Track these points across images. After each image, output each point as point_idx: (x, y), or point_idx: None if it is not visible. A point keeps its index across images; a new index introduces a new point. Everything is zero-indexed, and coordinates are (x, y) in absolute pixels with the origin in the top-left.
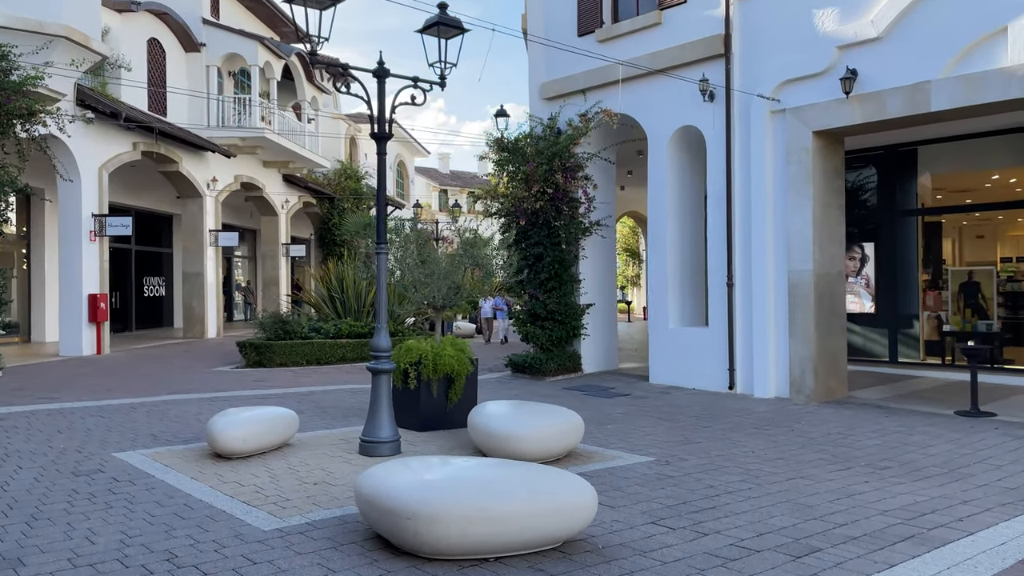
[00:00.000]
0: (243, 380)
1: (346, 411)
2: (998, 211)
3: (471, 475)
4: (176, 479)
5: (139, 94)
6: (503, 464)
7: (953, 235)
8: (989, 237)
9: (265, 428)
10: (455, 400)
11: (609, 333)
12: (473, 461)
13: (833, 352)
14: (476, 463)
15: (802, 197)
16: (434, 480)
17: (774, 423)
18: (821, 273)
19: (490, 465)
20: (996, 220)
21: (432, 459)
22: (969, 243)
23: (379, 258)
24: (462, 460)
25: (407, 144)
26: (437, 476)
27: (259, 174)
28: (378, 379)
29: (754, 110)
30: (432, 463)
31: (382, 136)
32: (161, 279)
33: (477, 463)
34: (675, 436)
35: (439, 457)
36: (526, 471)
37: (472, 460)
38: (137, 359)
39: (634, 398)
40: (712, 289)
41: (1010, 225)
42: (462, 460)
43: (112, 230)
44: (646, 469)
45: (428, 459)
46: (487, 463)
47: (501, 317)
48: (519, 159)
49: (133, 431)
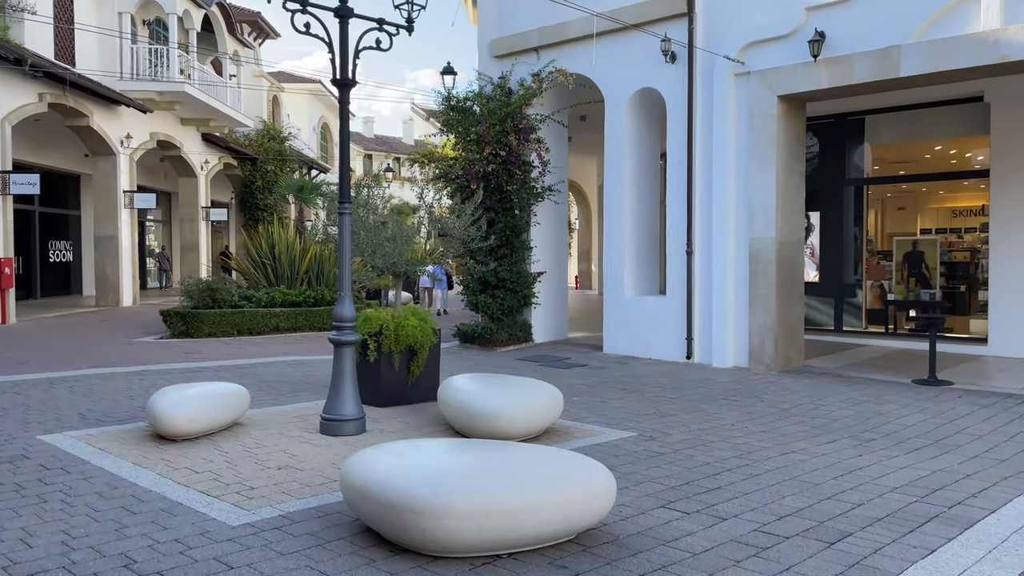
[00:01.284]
0: (171, 352)
1: (293, 385)
2: (946, 180)
3: (481, 462)
4: (117, 465)
5: (44, 41)
6: (510, 448)
7: (880, 206)
8: (911, 209)
9: (215, 406)
10: (417, 373)
11: (560, 302)
12: (477, 445)
13: (792, 321)
14: (480, 447)
15: (766, 163)
16: (441, 469)
17: (741, 393)
18: (783, 241)
19: (496, 450)
20: (919, 192)
21: (428, 443)
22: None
23: (342, 219)
24: (464, 444)
25: (333, 107)
26: (443, 464)
27: (177, 132)
28: (341, 351)
29: (717, 72)
30: (430, 448)
31: (345, 83)
32: (68, 243)
33: (482, 448)
34: (647, 409)
35: (436, 441)
36: (539, 456)
37: (474, 444)
38: (48, 329)
39: (592, 369)
40: (670, 257)
41: (932, 197)
42: (464, 444)
43: (17, 188)
44: (632, 445)
45: (423, 443)
46: (492, 447)
47: (439, 287)
48: (470, 119)
49: (56, 410)
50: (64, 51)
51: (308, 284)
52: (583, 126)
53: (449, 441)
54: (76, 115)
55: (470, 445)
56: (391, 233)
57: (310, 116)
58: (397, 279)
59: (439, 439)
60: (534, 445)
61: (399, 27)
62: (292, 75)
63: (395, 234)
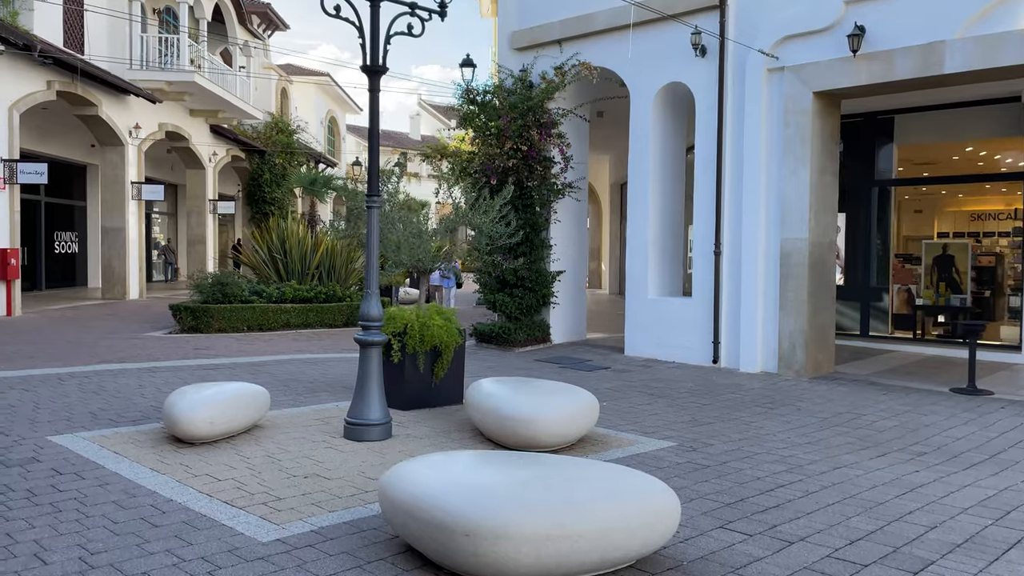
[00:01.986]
0: (181, 347)
1: (309, 385)
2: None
3: (536, 478)
4: (133, 471)
5: (54, 28)
6: (563, 463)
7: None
8: (928, 212)
9: (234, 408)
10: (441, 376)
11: (579, 302)
12: (527, 459)
13: (823, 325)
14: (531, 461)
15: (799, 162)
16: (494, 485)
17: (775, 401)
18: (816, 242)
19: (550, 464)
20: (938, 195)
21: (473, 455)
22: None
23: (370, 212)
24: (512, 457)
25: (340, 100)
26: (495, 480)
27: (185, 123)
28: (367, 352)
29: (750, 67)
30: (476, 461)
31: (375, 70)
32: (74, 235)
33: (533, 461)
34: (681, 416)
35: (480, 453)
36: (597, 471)
37: (524, 457)
38: (54, 322)
39: (615, 372)
40: (696, 257)
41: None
42: (512, 457)
43: (24, 178)
44: (674, 456)
45: (467, 455)
46: (544, 461)
47: (448, 285)
48: (490, 113)
49: (67, 408)
50: (73, 39)
51: (319, 280)
52: (598, 122)
53: (495, 454)
54: (85, 104)
55: (520, 459)
56: (416, 228)
57: (317, 109)
58: (423, 276)
59: (483, 451)
60: (589, 460)
61: (431, 12)
62: (300, 68)
63: (420, 229)
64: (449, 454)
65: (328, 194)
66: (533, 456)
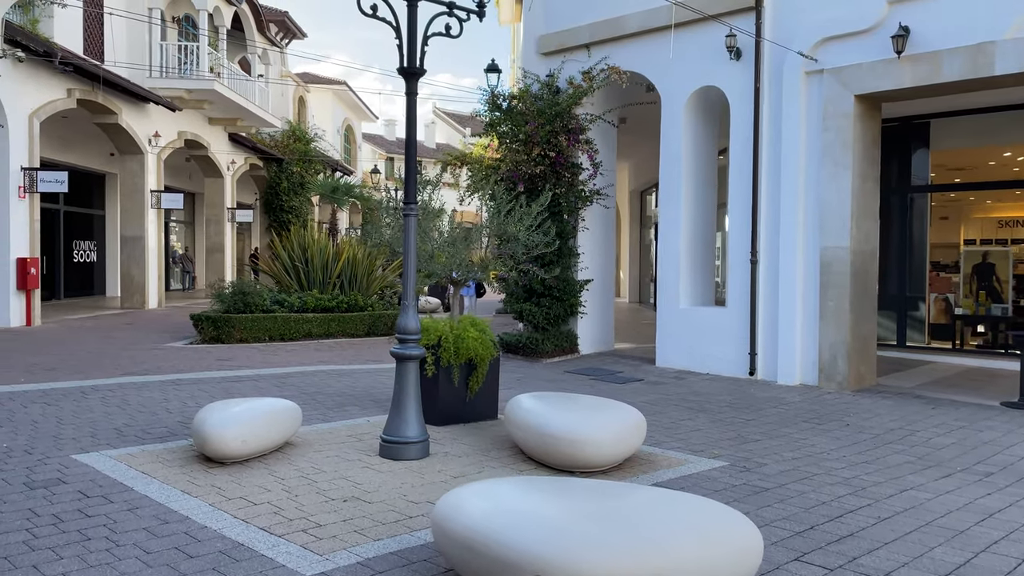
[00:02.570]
0: (204, 359)
1: (338, 398)
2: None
3: (609, 510)
4: (164, 494)
5: (74, 36)
6: (633, 492)
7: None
8: (954, 218)
9: (266, 425)
10: (476, 390)
11: (606, 311)
12: (591, 487)
13: (865, 336)
14: (596, 490)
15: (839, 167)
16: (563, 519)
17: (820, 415)
18: (857, 250)
19: (618, 493)
20: (966, 201)
21: (532, 482)
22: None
23: (408, 221)
24: (575, 485)
25: (356, 108)
26: (563, 512)
27: (204, 131)
28: (404, 367)
29: (787, 70)
30: (536, 488)
31: (412, 72)
32: (92, 243)
33: (598, 490)
34: (725, 432)
35: (540, 480)
36: (674, 502)
37: (588, 485)
38: (74, 332)
39: (649, 384)
40: (731, 266)
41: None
42: (575, 485)
43: (45, 186)
44: (728, 478)
45: (526, 481)
46: (611, 490)
47: (467, 294)
48: (517, 119)
49: (91, 424)
50: (93, 47)
51: (340, 288)
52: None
53: (554, 481)
54: (105, 112)
55: (584, 487)
56: (451, 237)
57: (334, 117)
58: (456, 287)
59: (540, 476)
60: (660, 489)
61: (469, 12)
62: (316, 76)
63: (454, 238)
64: (504, 481)
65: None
66: (596, 484)
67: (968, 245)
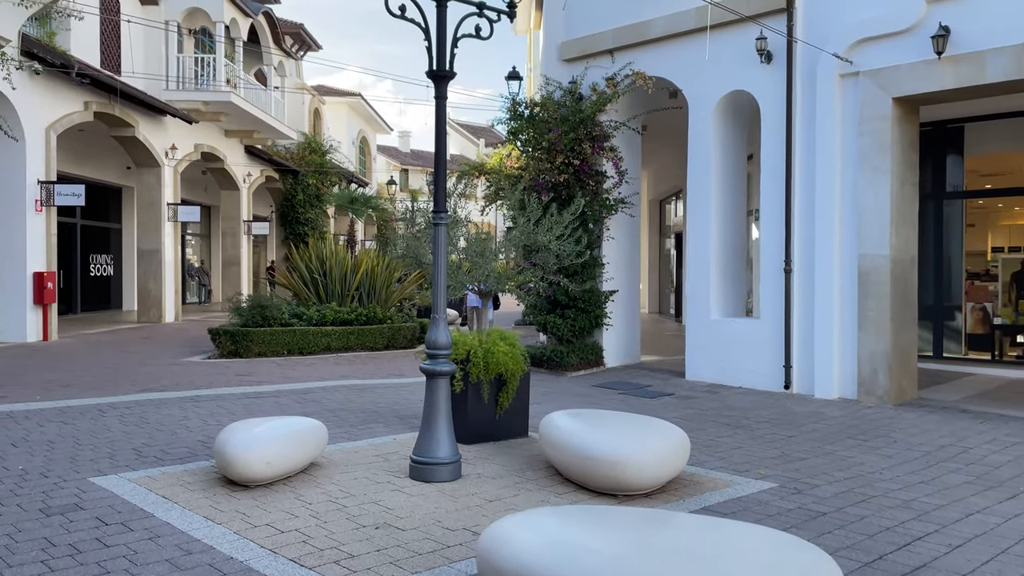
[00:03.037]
0: (222, 374)
1: (361, 415)
2: None
3: (676, 547)
4: (186, 521)
5: (90, 49)
6: (699, 526)
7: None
8: (981, 225)
9: (292, 446)
10: (506, 406)
11: (632, 323)
12: (650, 518)
13: (905, 348)
14: (658, 522)
15: (877, 172)
16: (630, 558)
17: (864, 431)
18: (897, 258)
19: (683, 527)
20: (994, 207)
21: (584, 511)
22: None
23: (437, 230)
24: (632, 516)
25: (371, 120)
26: (627, 548)
27: (220, 143)
28: (435, 383)
29: (821, 73)
30: (592, 519)
31: (442, 75)
32: (109, 257)
33: (660, 522)
34: (767, 450)
35: (593, 508)
36: (745, 536)
37: (647, 516)
38: (91, 347)
39: (680, 399)
40: (764, 275)
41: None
42: (632, 516)
43: (62, 199)
44: (780, 501)
45: (578, 511)
46: (674, 522)
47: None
48: (540, 126)
49: (109, 444)
50: (110, 59)
51: (359, 301)
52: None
53: (608, 510)
54: (122, 125)
55: (643, 519)
56: (480, 247)
57: (348, 129)
58: (484, 298)
59: (591, 505)
60: (727, 520)
61: (499, 12)
62: (331, 88)
63: (484, 248)
64: (553, 510)
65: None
66: (653, 513)
67: (997, 252)
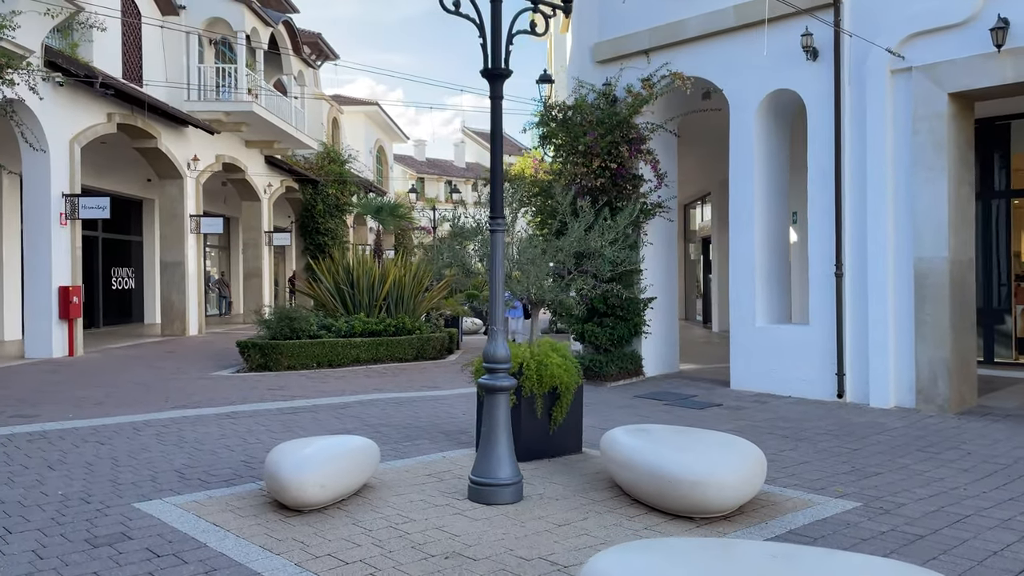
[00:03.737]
0: (255, 388)
1: (404, 431)
2: None
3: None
4: (243, 551)
5: (113, 60)
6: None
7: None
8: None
9: (347, 467)
10: (560, 420)
11: (671, 331)
12: (767, 554)
13: (965, 354)
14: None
15: (933, 171)
16: None
17: (932, 443)
18: (956, 260)
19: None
20: None
21: (690, 544)
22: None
23: (495, 237)
24: (747, 548)
25: (388, 129)
26: None
27: (241, 154)
28: (495, 399)
29: (870, 69)
30: (703, 555)
31: (497, 73)
32: (130, 270)
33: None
34: (838, 465)
35: (698, 542)
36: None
37: (767, 548)
38: (118, 362)
39: (730, 409)
40: (813, 280)
41: None
42: (747, 548)
43: (86, 212)
44: (869, 522)
45: (685, 544)
46: (794, 557)
47: (514, 315)
48: (575, 130)
49: (149, 465)
50: (132, 70)
51: (386, 312)
52: None
53: (713, 543)
54: (144, 136)
55: (757, 552)
56: (531, 254)
57: (366, 139)
58: (535, 308)
59: (697, 539)
60: (851, 554)
61: (555, 7)
62: (348, 97)
63: (535, 255)
64: (659, 545)
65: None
66: (777, 550)
67: None
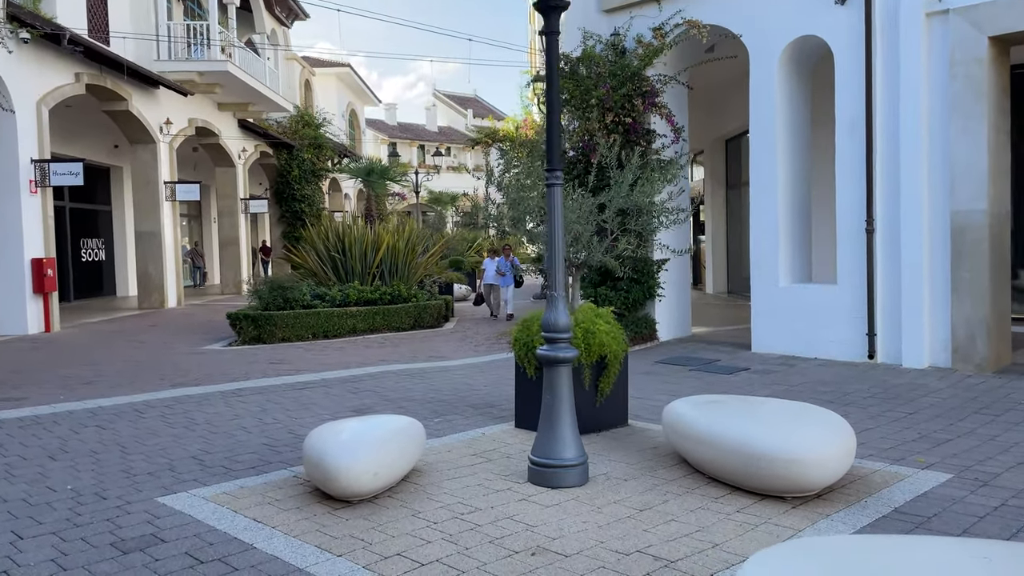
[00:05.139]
0: (254, 362)
1: (429, 405)
2: None
3: None
4: (298, 553)
5: (78, 16)
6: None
7: None
8: None
9: (397, 452)
10: (607, 391)
11: (683, 293)
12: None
13: (1002, 311)
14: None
15: (971, 119)
16: None
17: (987, 404)
18: (995, 213)
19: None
20: None
21: (866, 541)
22: None
23: (551, 192)
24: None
25: (360, 92)
26: None
27: (214, 117)
28: (555, 372)
29: (904, 12)
30: (891, 550)
31: (554, 4)
32: (100, 241)
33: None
34: (904, 432)
35: (887, 538)
36: None
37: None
38: (99, 337)
39: (759, 373)
40: (841, 237)
41: None
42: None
43: (58, 179)
44: (975, 496)
45: (872, 541)
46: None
47: (505, 284)
48: (586, 83)
49: (162, 452)
50: (97, 27)
51: (380, 278)
52: None
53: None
54: (114, 99)
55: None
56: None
57: (339, 102)
58: (577, 271)
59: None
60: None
61: None
62: (320, 60)
63: (580, 216)
64: (823, 543)
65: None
66: (970, 546)
67: None
